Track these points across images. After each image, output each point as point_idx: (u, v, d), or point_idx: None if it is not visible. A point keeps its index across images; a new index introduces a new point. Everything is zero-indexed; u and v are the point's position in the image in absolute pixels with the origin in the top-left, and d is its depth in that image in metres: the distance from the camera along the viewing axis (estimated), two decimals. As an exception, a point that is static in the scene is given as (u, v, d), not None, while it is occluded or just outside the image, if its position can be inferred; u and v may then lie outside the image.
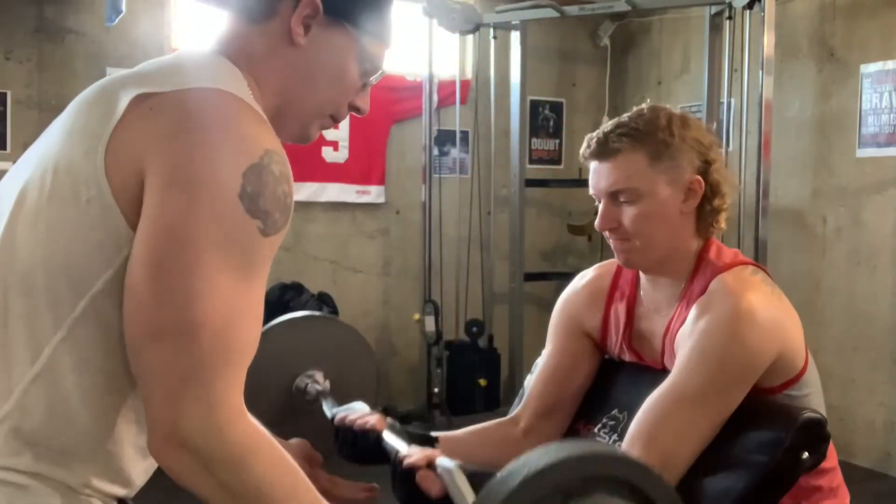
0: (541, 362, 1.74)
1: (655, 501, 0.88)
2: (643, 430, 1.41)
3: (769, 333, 1.41)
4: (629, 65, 5.71)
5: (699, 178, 1.50)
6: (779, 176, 4.45)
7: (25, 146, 1.11)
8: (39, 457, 0.97)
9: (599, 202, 1.54)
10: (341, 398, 1.61)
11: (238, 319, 0.94)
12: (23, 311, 0.97)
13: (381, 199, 5.13)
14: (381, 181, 5.12)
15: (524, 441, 1.67)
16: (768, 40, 3.99)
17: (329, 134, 4.89)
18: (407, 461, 1.29)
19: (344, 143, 4.98)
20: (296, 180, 1.03)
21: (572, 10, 4.68)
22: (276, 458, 0.97)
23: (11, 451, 0.96)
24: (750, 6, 4.05)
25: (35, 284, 0.97)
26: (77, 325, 0.97)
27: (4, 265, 0.99)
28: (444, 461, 1.19)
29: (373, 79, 1.17)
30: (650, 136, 1.49)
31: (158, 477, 1.08)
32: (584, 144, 1.55)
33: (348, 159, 4.99)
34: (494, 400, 4.96)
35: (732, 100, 4.40)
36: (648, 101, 1.60)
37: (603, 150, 1.51)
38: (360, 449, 1.48)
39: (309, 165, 4.79)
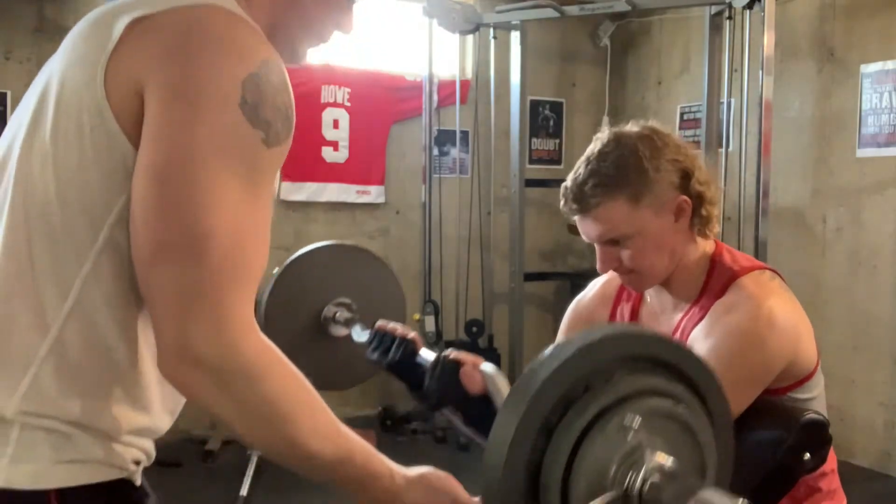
0: None
1: (697, 382, 0.87)
2: None
3: (787, 339, 1.43)
4: (629, 65, 5.71)
5: (684, 197, 1.49)
6: (779, 176, 4.46)
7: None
8: (83, 403, 0.96)
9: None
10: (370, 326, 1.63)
11: (246, 232, 0.92)
12: (47, 247, 0.96)
13: (381, 199, 5.12)
14: (381, 181, 5.11)
15: None
16: (768, 40, 3.99)
17: (329, 134, 4.89)
18: (454, 355, 1.35)
19: (344, 143, 4.97)
20: (296, 180, 1.02)
21: (572, 10, 4.68)
22: (288, 372, 0.95)
23: (58, 394, 0.95)
24: (750, 6, 4.05)
25: (54, 221, 0.96)
26: (100, 258, 0.96)
27: (23, 205, 0.98)
28: (488, 365, 1.25)
29: None
30: (624, 180, 1.46)
31: (161, 476, 1.08)
32: (562, 200, 1.54)
33: (348, 159, 4.98)
34: (494, 400, 4.96)
35: (732, 100, 4.41)
36: (608, 123, 1.58)
37: (582, 207, 1.50)
38: (394, 355, 1.50)
39: (309, 165, 4.75)
